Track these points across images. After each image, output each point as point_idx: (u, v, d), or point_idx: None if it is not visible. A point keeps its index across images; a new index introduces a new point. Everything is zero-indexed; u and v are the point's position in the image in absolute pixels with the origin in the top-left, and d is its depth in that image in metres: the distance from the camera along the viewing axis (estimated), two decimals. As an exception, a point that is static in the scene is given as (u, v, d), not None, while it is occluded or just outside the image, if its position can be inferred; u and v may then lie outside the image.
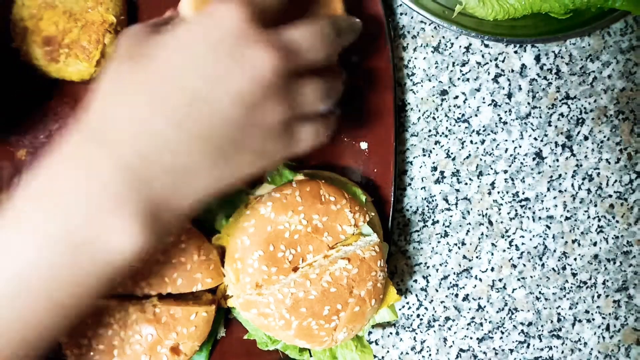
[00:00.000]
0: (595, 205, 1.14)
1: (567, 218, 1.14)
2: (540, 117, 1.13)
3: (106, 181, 0.67)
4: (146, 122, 0.68)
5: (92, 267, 0.68)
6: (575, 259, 1.14)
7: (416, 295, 1.13)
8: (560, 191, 1.14)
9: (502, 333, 1.13)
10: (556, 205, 1.14)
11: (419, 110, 1.12)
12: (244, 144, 0.71)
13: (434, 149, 1.12)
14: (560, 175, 1.14)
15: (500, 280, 1.13)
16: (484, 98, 1.12)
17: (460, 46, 1.10)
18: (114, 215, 0.66)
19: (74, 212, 0.67)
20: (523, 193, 1.13)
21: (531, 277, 1.14)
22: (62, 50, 0.98)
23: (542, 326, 1.14)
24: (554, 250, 1.14)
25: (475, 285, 1.13)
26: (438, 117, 1.12)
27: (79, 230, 0.66)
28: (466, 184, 1.13)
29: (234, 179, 0.73)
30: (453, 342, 1.13)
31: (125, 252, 0.67)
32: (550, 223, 1.14)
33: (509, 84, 1.12)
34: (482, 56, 1.11)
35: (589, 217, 1.14)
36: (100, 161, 0.67)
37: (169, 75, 0.69)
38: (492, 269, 1.13)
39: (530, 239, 1.13)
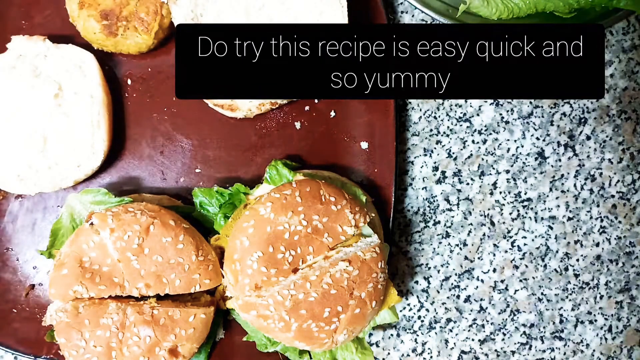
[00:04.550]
0: (598, 206, 1.13)
1: (569, 218, 1.13)
2: (543, 116, 1.12)
3: None
4: None
5: None
6: (577, 260, 1.13)
7: (417, 297, 1.12)
8: (562, 191, 1.13)
9: (504, 335, 1.12)
10: (558, 206, 1.13)
11: (420, 110, 1.11)
12: None
13: (435, 148, 1.11)
14: (562, 175, 1.13)
15: (502, 281, 1.12)
16: (486, 97, 1.11)
17: (462, 45, 1.09)
18: None
19: None
20: (525, 193, 1.12)
21: (533, 278, 1.13)
22: (120, 23, 0.97)
23: (544, 327, 1.13)
24: (557, 251, 1.13)
25: (476, 287, 1.12)
26: (439, 116, 1.11)
27: None
28: (468, 184, 1.12)
29: None
30: (454, 343, 1.12)
31: None
32: (553, 223, 1.13)
33: (511, 83, 1.11)
34: (484, 55, 1.10)
35: (591, 217, 1.13)
36: None
37: None
38: (494, 270, 1.12)
39: (533, 240, 1.12)
